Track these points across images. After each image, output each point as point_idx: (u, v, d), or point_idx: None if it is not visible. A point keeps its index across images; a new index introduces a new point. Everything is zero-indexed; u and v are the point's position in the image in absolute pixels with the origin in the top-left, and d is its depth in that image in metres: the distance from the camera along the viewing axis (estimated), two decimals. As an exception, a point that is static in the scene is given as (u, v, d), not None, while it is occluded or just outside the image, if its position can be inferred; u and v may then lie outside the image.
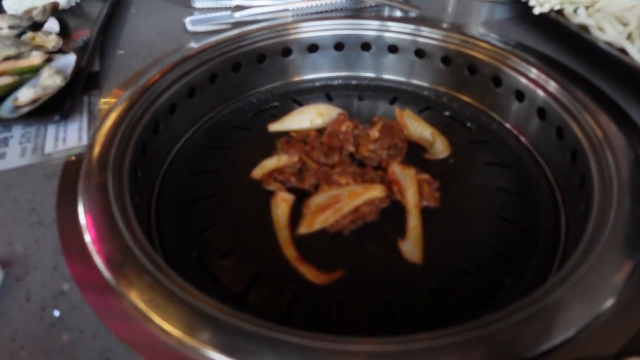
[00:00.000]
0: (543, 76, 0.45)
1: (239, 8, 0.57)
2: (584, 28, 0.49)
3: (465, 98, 0.52)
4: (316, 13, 0.56)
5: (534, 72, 0.46)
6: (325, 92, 0.55)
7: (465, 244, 0.38)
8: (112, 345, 0.26)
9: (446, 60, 0.52)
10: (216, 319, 0.26)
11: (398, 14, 0.57)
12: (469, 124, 0.50)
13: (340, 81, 0.56)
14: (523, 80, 0.46)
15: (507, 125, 0.49)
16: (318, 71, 0.56)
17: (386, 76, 0.56)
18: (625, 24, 0.47)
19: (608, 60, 0.45)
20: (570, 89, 0.42)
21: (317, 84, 0.56)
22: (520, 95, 0.47)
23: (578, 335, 0.26)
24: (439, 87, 0.54)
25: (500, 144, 0.47)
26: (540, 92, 0.44)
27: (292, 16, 0.55)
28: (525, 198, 0.42)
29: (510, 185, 0.43)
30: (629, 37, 0.46)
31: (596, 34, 0.47)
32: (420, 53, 0.53)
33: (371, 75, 0.56)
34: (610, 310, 0.27)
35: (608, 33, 0.46)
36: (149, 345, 0.25)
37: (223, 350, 0.25)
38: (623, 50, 0.45)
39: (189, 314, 0.26)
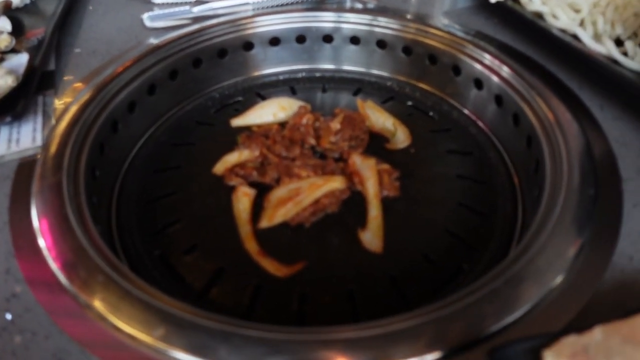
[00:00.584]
0: (497, 62, 0.46)
1: (199, 3, 0.56)
2: (539, 15, 0.50)
3: (427, 87, 0.53)
4: (277, 6, 0.56)
5: (488, 59, 0.46)
6: (289, 86, 0.55)
7: (425, 231, 0.38)
8: (65, 346, 0.25)
9: (407, 50, 0.52)
10: (171, 316, 0.26)
11: (360, 5, 0.57)
12: (431, 113, 0.50)
13: (303, 74, 0.56)
14: (479, 67, 0.47)
15: (468, 113, 0.49)
16: (281, 64, 0.55)
17: (349, 68, 0.56)
18: (577, 11, 0.48)
19: (562, 47, 0.46)
20: (524, 75, 0.43)
21: (281, 77, 0.55)
22: (478, 83, 0.48)
23: (529, 313, 0.27)
24: (402, 77, 0.54)
25: (461, 132, 0.48)
26: (495, 79, 0.45)
27: (253, 10, 0.55)
28: (485, 185, 0.42)
29: (470, 172, 0.43)
30: (581, 23, 0.47)
31: (550, 21, 0.48)
32: (381, 44, 0.53)
33: (334, 67, 0.56)
34: (560, 287, 0.28)
35: (561, 20, 0.47)
36: (103, 344, 0.25)
37: (178, 346, 0.25)
38: (576, 37, 0.46)
39: (143, 312, 0.26)
